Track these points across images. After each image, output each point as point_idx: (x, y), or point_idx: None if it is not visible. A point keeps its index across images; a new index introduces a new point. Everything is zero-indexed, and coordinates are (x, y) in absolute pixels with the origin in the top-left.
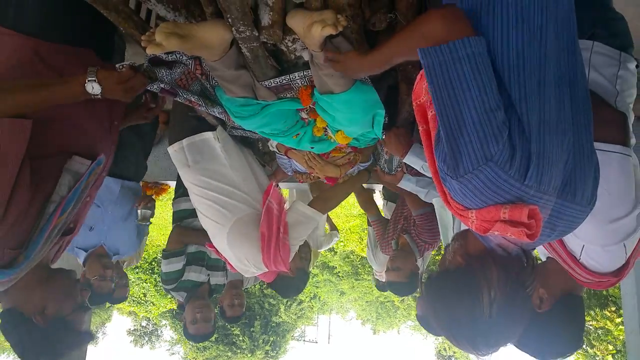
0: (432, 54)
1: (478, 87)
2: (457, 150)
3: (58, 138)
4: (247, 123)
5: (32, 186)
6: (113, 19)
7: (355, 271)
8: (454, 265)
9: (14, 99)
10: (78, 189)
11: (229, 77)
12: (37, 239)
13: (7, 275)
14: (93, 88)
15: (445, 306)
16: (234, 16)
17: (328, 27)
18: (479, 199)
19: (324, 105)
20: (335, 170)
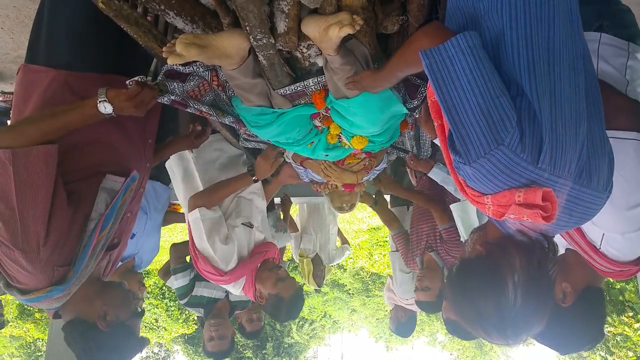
0: (431, 53)
1: (481, 75)
2: (466, 138)
3: (92, 160)
4: (263, 132)
5: (70, 207)
6: (134, 32)
7: (365, 287)
8: (474, 255)
9: (37, 128)
10: (115, 205)
11: (246, 85)
12: (82, 256)
13: (60, 291)
14: (105, 108)
15: (470, 297)
16: (251, 24)
17: (346, 27)
18: (493, 183)
19: (341, 110)
20: (352, 177)
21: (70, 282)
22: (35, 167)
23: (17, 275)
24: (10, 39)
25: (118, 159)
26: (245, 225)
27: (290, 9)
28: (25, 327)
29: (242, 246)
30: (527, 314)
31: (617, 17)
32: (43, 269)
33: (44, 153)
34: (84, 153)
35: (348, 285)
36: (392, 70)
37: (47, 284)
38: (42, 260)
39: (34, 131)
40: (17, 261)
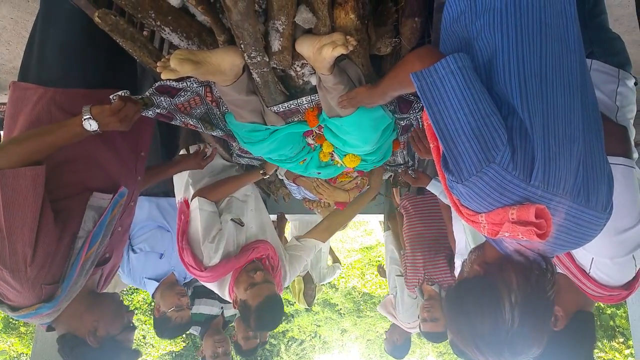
0: (422, 75)
1: (471, 95)
2: (457, 157)
3: (78, 177)
4: (256, 149)
5: (58, 226)
6: (129, 47)
7: (357, 308)
8: (472, 275)
9: (24, 148)
10: (103, 222)
11: (240, 102)
12: (70, 273)
13: (49, 308)
14: (90, 125)
15: (466, 316)
16: (246, 42)
17: (339, 47)
18: (486, 201)
19: (334, 128)
20: (344, 195)
21: (59, 299)
22: (23, 188)
23: (6, 293)
24: (6, 50)
25: (105, 175)
26: (234, 221)
27: (285, 28)
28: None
29: (229, 242)
30: (525, 334)
31: (607, 44)
32: (31, 287)
33: (32, 174)
34: (70, 170)
35: (339, 305)
36: (386, 89)
37: (36, 301)
38: (30, 278)
39: (21, 151)
40: (5, 280)
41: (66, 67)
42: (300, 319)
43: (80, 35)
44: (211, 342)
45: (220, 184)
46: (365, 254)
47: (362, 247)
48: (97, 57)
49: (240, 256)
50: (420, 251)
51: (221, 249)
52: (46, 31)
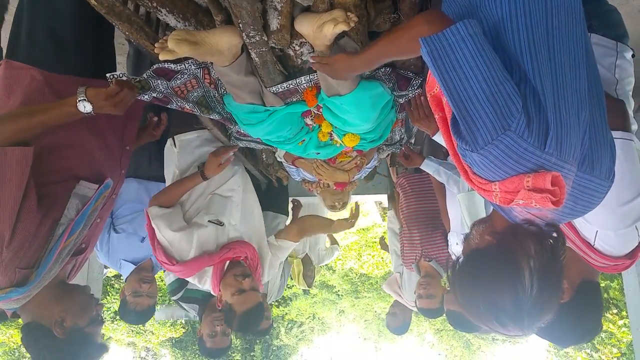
0: (432, 40)
1: (484, 62)
2: (472, 125)
3: (66, 164)
4: (255, 130)
5: (40, 210)
6: (126, 29)
7: (355, 289)
8: (483, 245)
9: (13, 125)
10: (86, 212)
11: (238, 82)
12: (46, 259)
13: (20, 293)
14: (85, 107)
15: (483, 288)
16: (244, 21)
17: (340, 24)
18: (501, 170)
19: (333, 107)
20: (344, 176)
21: (32, 285)
22: (8, 167)
23: None
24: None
25: (93, 165)
26: (213, 222)
27: (283, 6)
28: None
29: (208, 243)
30: (543, 301)
31: (605, 17)
32: (4, 270)
33: (19, 155)
34: (59, 156)
35: (337, 287)
36: (378, 55)
37: (7, 284)
38: (4, 260)
39: (10, 128)
40: None
41: (58, 53)
42: (299, 302)
43: (71, 18)
44: (209, 320)
45: (168, 190)
46: (362, 236)
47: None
48: (90, 44)
49: (216, 254)
50: (417, 228)
51: (194, 246)
52: (35, 13)
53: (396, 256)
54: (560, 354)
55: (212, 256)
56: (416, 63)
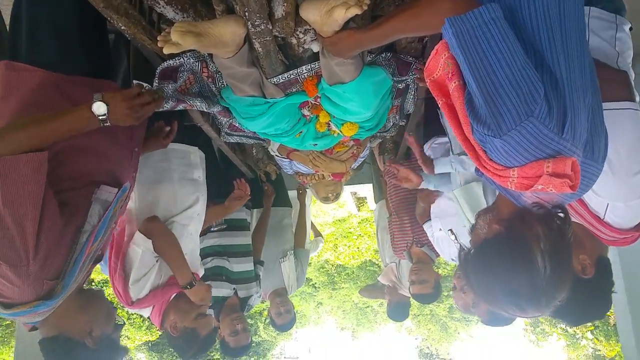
0: (460, 21)
1: (507, 48)
2: (496, 110)
3: (84, 169)
4: (254, 124)
5: (62, 219)
6: (123, 24)
7: (331, 280)
8: (491, 234)
9: (25, 135)
10: (107, 216)
11: (240, 75)
12: (73, 269)
13: (48, 306)
14: (99, 108)
15: (498, 276)
16: (251, 9)
17: (353, 7)
18: (522, 155)
19: (334, 96)
20: (341, 166)
21: (60, 296)
22: (24, 176)
23: (2, 289)
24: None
25: (109, 168)
26: None
27: None
28: None
29: (158, 274)
30: (557, 280)
31: None
32: (32, 282)
33: (33, 161)
34: (75, 160)
35: (314, 279)
36: (392, 30)
37: (34, 297)
38: (32, 274)
39: (22, 138)
40: (3, 275)
41: (62, 52)
42: None
43: (73, 15)
44: (229, 321)
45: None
46: (337, 227)
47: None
48: (93, 40)
49: (167, 289)
50: (407, 215)
51: (149, 285)
52: (35, 11)
53: (389, 247)
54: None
55: (165, 290)
56: (416, 47)
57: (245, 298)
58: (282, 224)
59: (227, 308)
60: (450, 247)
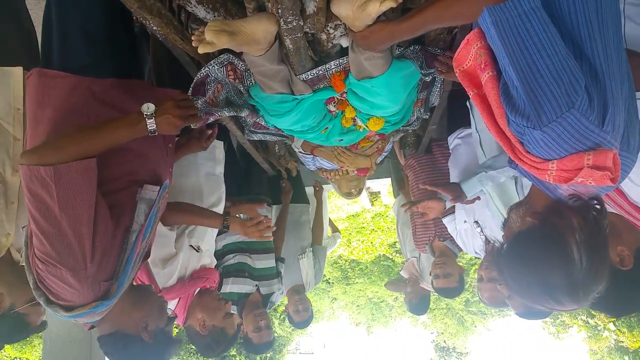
0: (499, 10)
1: (548, 38)
2: (537, 101)
3: (126, 169)
4: (282, 121)
5: (112, 221)
6: (156, 24)
7: (345, 275)
8: (526, 227)
9: (77, 143)
10: (153, 214)
11: (270, 72)
12: (126, 268)
13: (105, 306)
14: (148, 108)
15: (534, 269)
16: (284, 6)
17: (388, 1)
18: (561, 147)
19: (361, 91)
20: (366, 161)
21: (116, 296)
22: (76, 183)
23: (63, 293)
24: None
25: (149, 167)
26: (192, 247)
27: None
28: None
29: (184, 267)
30: (594, 272)
31: None
32: (90, 285)
33: (84, 168)
34: (117, 162)
35: (327, 275)
36: (428, 21)
37: (93, 299)
38: (90, 276)
39: (72, 147)
40: (63, 279)
41: (93, 54)
42: None
43: (102, 18)
44: (252, 317)
45: (181, 213)
46: (351, 222)
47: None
48: (123, 41)
49: (193, 283)
50: None
51: (176, 273)
52: (64, 17)
53: (410, 241)
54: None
55: (191, 283)
56: (445, 39)
57: (267, 295)
58: (300, 220)
59: (250, 304)
60: (475, 239)
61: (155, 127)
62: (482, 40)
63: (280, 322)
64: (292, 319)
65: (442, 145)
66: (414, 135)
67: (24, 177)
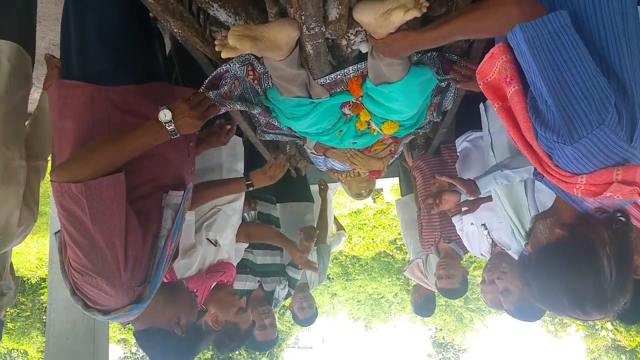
0: (531, 28)
1: (578, 55)
2: (567, 118)
3: (148, 175)
4: (298, 124)
5: (140, 228)
6: (178, 27)
7: (345, 271)
8: (554, 239)
9: (102, 156)
10: (179, 218)
11: (290, 76)
12: (157, 272)
13: (139, 308)
14: (165, 115)
15: (564, 281)
16: (308, 13)
17: (412, 10)
18: (592, 162)
19: (378, 96)
20: (379, 164)
21: (149, 299)
22: (107, 197)
23: (99, 299)
24: None
25: (172, 170)
26: (210, 241)
27: None
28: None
29: (202, 260)
30: (622, 284)
31: None
32: (125, 291)
33: (114, 182)
34: (140, 167)
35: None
36: (453, 32)
37: (127, 303)
38: (124, 283)
39: (98, 160)
40: (99, 287)
41: (111, 59)
42: None
43: (120, 21)
44: (256, 315)
45: (204, 191)
46: (353, 219)
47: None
48: (138, 43)
49: (211, 277)
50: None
51: (195, 265)
52: (82, 24)
53: (415, 242)
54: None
55: (209, 277)
56: (462, 45)
57: (271, 292)
58: (304, 219)
59: (253, 301)
60: (482, 242)
61: (176, 130)
62: (507, 54)
63: (279, 317)
64: (296, 316)
65: (450, 148)
66: (423, 137)
67: (56, 193)
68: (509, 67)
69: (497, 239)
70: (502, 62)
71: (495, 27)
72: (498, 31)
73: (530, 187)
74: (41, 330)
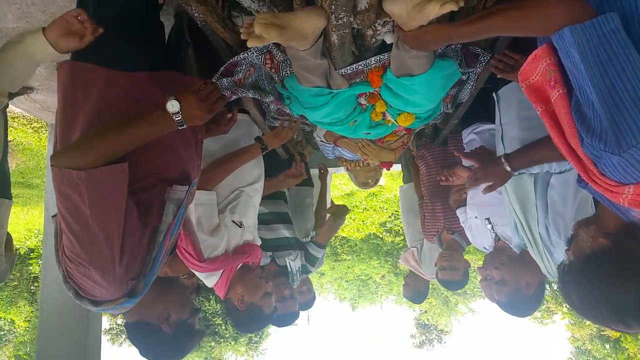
0: (581, 31)
1: (629, 61)
2: (616, 126)
3: (152, 166)
4: (315, 114)
5: (139, 222)
6: (201, 12)
7: (334, 252)
8: (598, 248)
9: (105, 143)
10: (181, 212)
11: (312, 66)
12: (153, 268)
13: (131, 303)
14: (173, 106)
15: (607, 292)
16: (338, 3)
17: (449, 3)
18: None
19: (399, 88)
20: (390, 155)
21: (142, 294)
22: (108, 186)
23: (91, 290)
24: None
25: (178, 163)
26: (235, 223)
27: None
28: None
29: (228, 242)
30: None
31: None
32: (118, 284)
33: (116, 172)
34: (144, 159)
35: None
36: (491, 28)
37: (120, 296)
38: (118, 276)
39: (101, 148)
40: (92, 278)
41: (130, 48)
42: None
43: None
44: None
45: (216, 168)
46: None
47: (343, 194)
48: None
49: (237, 257)
50: (439, 201)
51: (222, 245)
52: (98, 5)
53: (413, 230)
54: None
55: (235, 257)
56: (488, 39)
57: (284, 266)
58: (304, 203)
59: (268, 275)
60: (485, 236)
61: (183, 121)
62: (552, 57)
63: None
64: None
65: (457, 139)
66: (432, 126)
67: (55, 179)
68: (553, 69)
69: (500, 233)
70: (546, 65)
71: (539, 27)
72: (542, 31)
73: (541, 183)
74: (28, 300)
